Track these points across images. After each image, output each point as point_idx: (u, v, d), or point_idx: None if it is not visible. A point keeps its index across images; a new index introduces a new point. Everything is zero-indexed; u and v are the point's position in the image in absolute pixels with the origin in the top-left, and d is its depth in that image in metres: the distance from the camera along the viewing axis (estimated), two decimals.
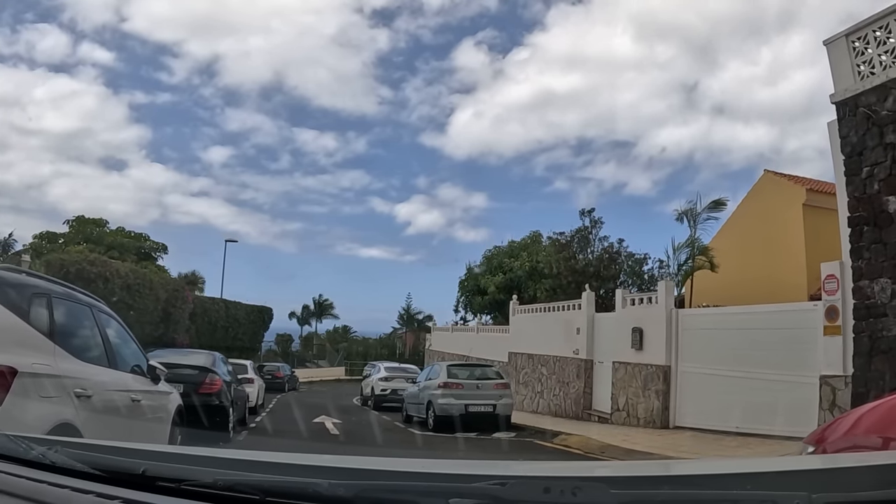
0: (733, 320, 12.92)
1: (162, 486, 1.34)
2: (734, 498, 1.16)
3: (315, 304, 60.50)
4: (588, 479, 1.34)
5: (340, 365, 51.28)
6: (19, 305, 4.06)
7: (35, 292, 4.34)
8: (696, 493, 1.23)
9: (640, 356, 14.70)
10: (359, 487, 1.25)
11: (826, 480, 1.25)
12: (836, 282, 9.72)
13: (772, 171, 23.16)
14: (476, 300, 32.18)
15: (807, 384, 10.02)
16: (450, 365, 16.21)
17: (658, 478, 1.47)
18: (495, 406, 14.54)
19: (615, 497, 1.17)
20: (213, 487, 1.29)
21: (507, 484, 1.20)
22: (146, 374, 5.81)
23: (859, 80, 9.49)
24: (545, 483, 1.24)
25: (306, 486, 1.27)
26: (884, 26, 9.34)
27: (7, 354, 3.69)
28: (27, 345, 4.01)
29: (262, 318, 41.58)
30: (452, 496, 1.17)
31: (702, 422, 12.58)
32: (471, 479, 1.28)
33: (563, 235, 22.99)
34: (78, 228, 40.37)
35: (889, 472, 1.23)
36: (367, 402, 22.62)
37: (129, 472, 1.39)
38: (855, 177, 9.26)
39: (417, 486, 1.31)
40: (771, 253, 18.90)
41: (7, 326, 3.86)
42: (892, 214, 8.68)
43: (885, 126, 8.89)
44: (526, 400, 19.99)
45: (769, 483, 1.21)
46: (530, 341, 20.97)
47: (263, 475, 1.35)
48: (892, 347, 8.40)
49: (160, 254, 40.90)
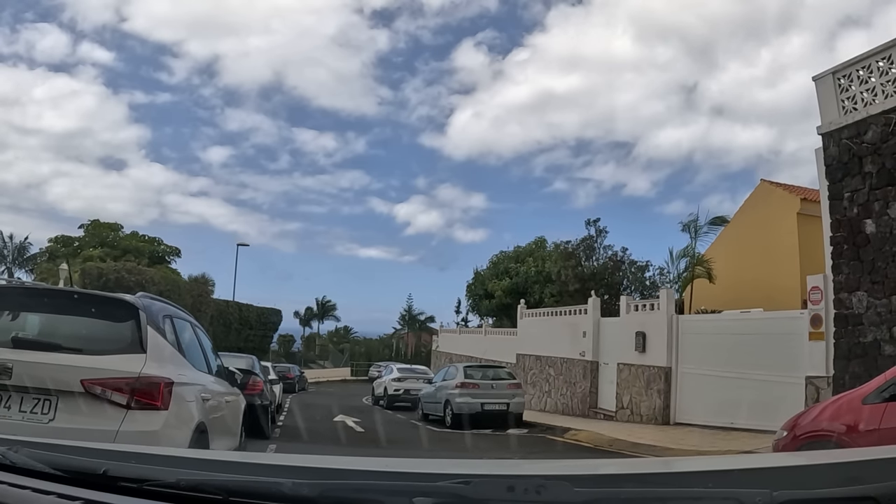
0: (729, 326, 14.16)
1: (124, 486, 1.33)
2: (697, 495, 1.18)
3: (318, 305, 61.38)
4: (552, 477, 1.33)
5: (346, 365, 51.85)
6: (159, 326, 4.67)
7: (165, 314, 4.99)
8: (660, 491, 1.26)
9: (643, 358, 15.89)
10: (322, 487, 1.26)
11: (788, 478, 1.29)
12: (820, 293, 10.91)
13: (768, 181, 24.32)
14: (483, 303, 33.33)
15: (794, 384, 11.17)
16: (466, 366, 17.29)
17: (622, 476, 1.48)
18: (509, 405, 15.63)
19: (579, 495, 1.18)
20: (176, 487, 1.29)
21: (471, 483, 1.21)
22: (225, 377, 6.61)
23: (843, 114, 10.65)
24: (509, 482, 1.25)
25: (270, 486, 1.27)
26: (866, 66, 10.49)
27: (162, 369, 4.34)
28: (169, 360, 4.62)
29: (271, 320, 42.68)
30: (416, 495, 1.18)
31: (700, 418, 13.83)
32: (435, 478, 1.31)
33: (570, 244, 24.26)
34: (93, 232, 41.29)
35: (849, 470, 1.28)
36: (380, 402, 23.27)
37: (91, 472, 1.37)
38: (837, 201, 10.44)
39: (381, 485, 1.32)
40: (766, 259, 19.79)
41: (156, 345, 4.47)
42: (868, 236, 9.87)
43: (864, 157, 10.07)
44: (534, 399, 21.04)
45: (732, 481, 1.25)
46: (538, 344, 22.09)
47: (227, 475, 1.36)
48: (867, 352, 9.58)
49: (173, 257, 42.12)
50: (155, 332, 4.51)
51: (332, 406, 18.80)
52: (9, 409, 3.98)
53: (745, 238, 21.34)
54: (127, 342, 4.35)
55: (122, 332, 4.41)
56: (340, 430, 13.78)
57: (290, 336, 57.04)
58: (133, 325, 4.41)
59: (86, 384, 3.98)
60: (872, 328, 9.64)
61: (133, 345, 4.33)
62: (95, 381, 3.99)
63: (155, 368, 4.25)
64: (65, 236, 42.40)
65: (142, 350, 4.30)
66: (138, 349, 4.30)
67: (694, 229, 20.27)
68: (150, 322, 4.52)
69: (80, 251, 38.11)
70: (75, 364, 4.06)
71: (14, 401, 3.99)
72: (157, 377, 4.20)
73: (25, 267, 41.29)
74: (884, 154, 9.77)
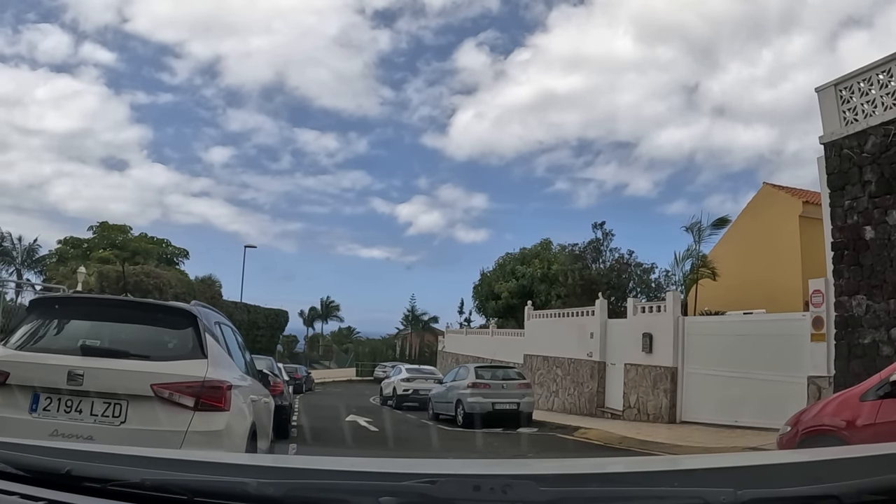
0: (733, 327, 14.64)
1: (88, 486, 1.31)
2: (662, 494, 1.19)
3: (322, 305, 61.55)
4: (517, 476, 1.34)
5: (351, 366, 52.05)
6: (213, 332, 4.95)
7: (215, 320, 5.30)
8: (625, 490, 1.27)
9: (649, 358, 16.34)
10: (288, 486, 1.25)
11: (752, 477, 1.30)
12: (822, 296, 11.36)
13: (770, 184, 24.78)
14: (489, 304, 33.76)
15: (796, 383, 11.60)
16: (477, 367, 17.67)
17: (587, 475, 1.48)
18: (519, 404, 16.00)
19: (544, 494, 1.19)
20: (141, 488, 1.27)
21: (438, 482, 1.21)
22: (259, 379, 6.87)
23: (844, 125, 11.10)
24: (475, 481, 1.25)
25: (235, 486, 1.27)
26: (867, 79, 10.93)
27: (221, 373, 4.66)
28: (225, 364, 4.92)
29: (278, 321, 43.08)
30: (382, 495, 1.18)
31: (705, 417, 14.28)
32: (401, 478, 1.32)
33: (577, 246, 24.74)
34: (102, 234, 41.65)
35: (812, 469, 1.31)
36: (388, 402, 23.41)
37: (54, 472, 1.35)
38: (838, 208, 10.90)
39: (347, 484, 1.31)
40: (769, 260, 20.20)
41: (214, 350, 4.76)
42: (868, 242, 10.33)
43: (864, 167, 10.52)
44: (541, 399, 21.38)
45: (697, 480, 1.26)
46: (546, 344, 22.52)
47: (192, 475, 1.35)
48: (866, 353, 10.04)
49: (181, 259, 42.56)
50: (211, 338, 4.79)
51: (342, 406, 18.98)
52: (80, 412, 4.23)
53: (748, 240, 21.75)
54: (189, 348, 4.64)
55: (184, 339, 4.70)
56: (354, 430, 14.00)
57: (293, 336, 57.05)
58: (193, 332, 4.71)
59: (156, 388, 4.24)
60: (871, 330, 10.11)
61: (195, 351, 4.62)
62: (165, 385, 4.27)
63: (215, 372, 4.55)
64: (74, 238, 42.77)
65: (203, 355, 4.59)
66: (200, 355, 4.59)
67: (698, 231, 20.71)
68: (206, 328, 4.80)
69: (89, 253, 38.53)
70: (145, 370, 4.34)
71: (85, 405, 4.23)
72: (219, 381, 4.52)
73: (35, 269, 41.79)
74: (883, 164, 10.22)
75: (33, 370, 4.27)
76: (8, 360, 4.32)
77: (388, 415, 19.41)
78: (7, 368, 4.26)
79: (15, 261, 41.29)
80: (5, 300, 21.35)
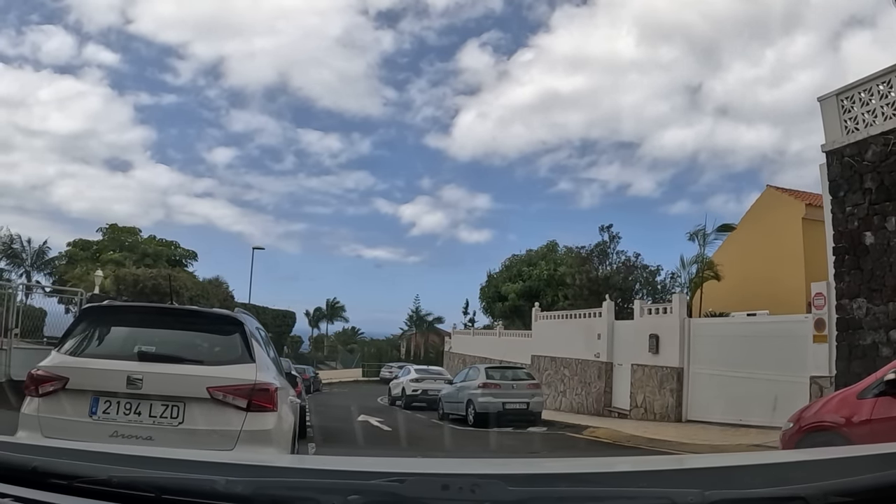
0: (738, 328, 15.07)
1: (54, 483, 1.30)
2: (630, 495, 1.20)
3: (328, 305, 61.90)
4: (486, 476, 1.35)
5: (357, 366, 52.02)
6: (257, 337, 5.19)
7: (256, 325, 5.57)
8: (593, 490, 1.26)
9: (656, 359, 16.75)
10: (256, 485, 1.25)
11: (720, 478, 1.31)
12: (824, 299, 11.76)
13: (774, 187, 25.16)
14: (496, 306, 34.13)
15: (799, 383, 11.97)
16: (487, 367, 18.01)
17: (555, 475, 1.48)
18: (528, 404, 16.31)
19: (513, 494, 1.19)
20: (108, 485, 1.26)
21: (406, 481, 1.21)
22: (288, 380, 7.11)
23: (845, 133, 11.48)
24: (443, 480, 1.25)
25: (203, 484, 1.25)
26: (867, 89, 11.31)
27: (268, 376, 4.90)
28: (269, 367, 5.13)
29: (286, 323, 43.41)
30: (350, 493, 1.18)
31: (710, 415, 14.66)
32: (369, 476, 1.31)
33: (584, 249, 25.12)
34: (111, 236, 42.03)
35: (779, 471, 1.32)
36: (397, 402, 23.56)
37: (20, 468, 1.33)
38: (839, 214, 11.30)
39: (315, 483, 1.31)
40: (773, 262, 20.55)
41: (260, 355, 4.98)
42: (868, 247, 10.73)
43: (865, 174, 10.92)
44: (549, 399, 21.64)
45: (665, 480, 1.27)
46: (553, 345, 22.92)
47: (160, 472, 1.34)
48: (866, 354, 10.43)
49: (189, 261, 42.92)
50: (256, 343, 5.03)
51: (351, 406, 19.08)
52: (139, 414, 4.46)
53: (751, 241, 22.10)
54: (238, 353, 4.91)
55: (232, 344, 4.98)
56: (367, 430, 14.17)
57: (297, 337, 57.43)
58: (240, 338, 4.99)
59: (211, 391, 4.49)
60: (871, 332, 10.52)
61: (244, 355, 4.90)
62: (219, 388, 4.51)
63: (263, 375, 4.81)
64: (83, 240, 43.17)
65: (251, 360, 4.83)
66: (248, 359, 4.86)
67: (702, 237, 21.12)
68: (252, 334, 5.04)
69: (98, 255, 38.95)
70: (200, 374, 4.60)
71: (143, 407, 4.46)
72: (267, 383, 4.79)
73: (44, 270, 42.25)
74: (883, 172, 10.61)
75: (92, 375, 4.49)
76: (67, 367, 4.54)
77: (398, 415, 19.48)
78: (66, 374, 4.48)
79: (24, 262, 41.77)
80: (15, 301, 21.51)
